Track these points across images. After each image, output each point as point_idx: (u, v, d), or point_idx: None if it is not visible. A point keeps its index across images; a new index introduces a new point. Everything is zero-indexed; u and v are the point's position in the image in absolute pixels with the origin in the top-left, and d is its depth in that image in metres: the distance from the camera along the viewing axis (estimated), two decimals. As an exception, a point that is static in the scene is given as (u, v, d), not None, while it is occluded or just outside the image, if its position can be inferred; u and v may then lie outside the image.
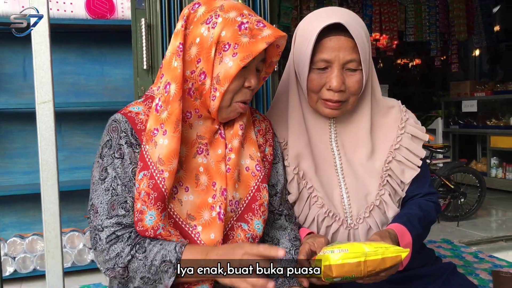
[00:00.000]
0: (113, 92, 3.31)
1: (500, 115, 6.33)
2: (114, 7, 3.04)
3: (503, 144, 6.02)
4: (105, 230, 1.13)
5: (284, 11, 5.82)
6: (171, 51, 1.18)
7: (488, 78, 7.94)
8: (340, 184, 1.42)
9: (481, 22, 7.19)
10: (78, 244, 2.98)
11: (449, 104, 7.22)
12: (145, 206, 1.11)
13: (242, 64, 1.13)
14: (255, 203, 1.26)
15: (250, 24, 1.16)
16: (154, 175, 1.12)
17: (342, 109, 1.38)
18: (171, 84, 1.15)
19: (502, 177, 6.05)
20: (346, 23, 1.28)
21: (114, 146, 1.17)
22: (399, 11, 6.74)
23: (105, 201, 1.14)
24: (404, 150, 1.44)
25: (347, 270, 1.05)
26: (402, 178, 1.43)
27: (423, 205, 1.44)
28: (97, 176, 1.17)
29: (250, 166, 1.28)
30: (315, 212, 1.39)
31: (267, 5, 2.80)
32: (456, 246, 2.45)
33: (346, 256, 1.05)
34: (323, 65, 1.32)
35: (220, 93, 1.17)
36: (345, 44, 1.30)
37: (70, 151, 3.27)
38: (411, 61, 9.40)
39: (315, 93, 1.36)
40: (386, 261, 1.08)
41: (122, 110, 1.22)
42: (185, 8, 1.22)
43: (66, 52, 3.20)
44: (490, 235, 3.95)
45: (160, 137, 1.13)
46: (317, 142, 1.44)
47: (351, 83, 1.33)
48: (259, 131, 1.36)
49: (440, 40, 7.19)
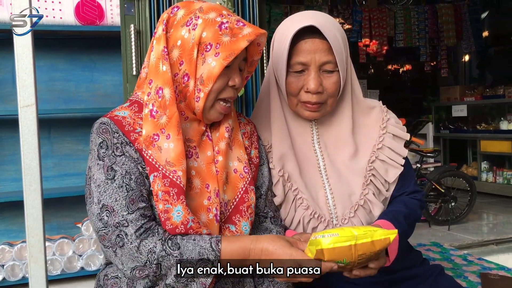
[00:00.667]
0: (102, 99, 3.30)
1: (489, 120, 6.38)
2: (104, 13, 3.04)
3: (493, 148, 6.06)
4: (130, 225, 1.09)
5: (274, 18, 5.85)
6: (156, 56, 1.19)
7: (477, 83, 8.00)
8: (324, 185, 1.43)
9: (470, 28, 7.25)
10: (68, 251, 2.96)
11: (439, 109, 7.27)
12: (169, 204, 1.11)
13: (225, 63, 1.15)
14: (243, 205, 1.27)
15: (230, 23, 1.18)
16: (167, 175, 1.12)
17: (321, 111, 1.39)
18: (163, 88, 1.16)
19: (492, 181, 6.08)
20: (319, 25, 1.30)
21: (111, 146, 1.15)
22: (389, 17, 6.79)
23: (121, 198, 1.11)
24: (387, 150, 1.45)
25: (338, 253, 1.06)
26: (386, 177, 1.44)
27: (408, 203, 1.46)
28: (102, 177, 1.13)
29: (238, 168, 1.29)
30: (301, 214, 1.39)
31: (256, 12, 2.81)
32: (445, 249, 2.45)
33: (336, 240, 1.06)
34: (299, 68, 1.34)
35: (204, 93, 1.17)
36: (320, 46, 1.32)
37: (60, 158, 3.25)
38: (401, 66, 9.46)
39: (294, 96, 1.38)
40: (376, 244, 1.08)
41: (108, 114, 1.21)
42: (164, 13, 1.23)
43: (55, 59, 3.19)
44: (481, 239, 3.97)
45: (164, 142, 1.13)
46: (300, 144, 1.45)
47: (328, 84, 1.35)
48: (244, 133, 1.37)
49: (429, 45, 7.25)
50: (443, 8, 7.07)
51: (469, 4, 7.22)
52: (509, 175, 5.85)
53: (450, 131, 6.82)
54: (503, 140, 5.82)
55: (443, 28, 7.08)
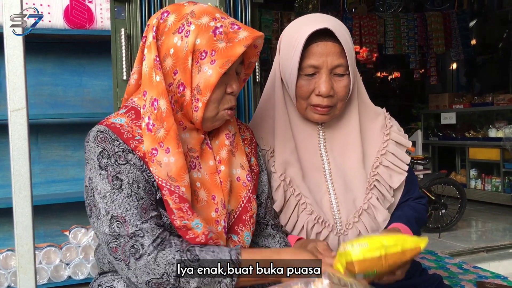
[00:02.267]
0: (91, 104, 3.24)
1: (478, 127, 6.42)
2: (93, 17, 2.99)
3: (481, 155, 6.10)
4: (146, 235, 1.04)
5: (265, 24, 5.84)
6: (148, 66, 1.12)
7: (466, 90, 8.07)
8: (329, 189, 1.41)
9: (459, 36, 7.31)
10: (55, 260, 2.89)
11: (428, 116, 7.30)
12: (186, 220, 1.06)
13: (222, 71, 1.09)
14: (246, 214, 1.22)
15: (224, 28, 1.12)
16: (174, 190, 1.07)
17: (331, 114, 1.37)
18: (158, 100, 1.09)
19: (481, 189, 6.11)
20: (333, 28, 1.29)
21: (113, 155, 1.09)
22: (378, 24, 6.82)
23: (132, 207, 1.05)
24: (391, 156, 1.45)
25: (369, 265, 1.03)
26: (390, 183, 1.43)
27: (416, 208, 1.47)
28: (108, 187, 1.07)
29: (241, 176, 1.24)
30: (304, 219, 1.36)
31: (248, 18, 2.79)
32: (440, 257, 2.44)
33: (366, 250, 1.03)
34: (311, 71, 1.32)
35: (202, 103, 1.12)
36: (333, 50, 1.30)
37: (47, 164, 3.18)
38: (391, 74, 9.51)
39: (304, 99, 1.36)
40: (406, 253, 1.06)
41: (104, 121, 1.14)
42: (153, 18, 1.16)
43: (43, 63, 3.13)
44: (471, 246, 3.98)
45: (163, 156, 1.07)
46: (304, 148, 1.43)
47: (339, 88, 1.33)
48: (244, 140, 1.33)
49: (418, 53, 7.29)
50: (432, 16, 7.12)
51: (457, 12, 7.29)
52: (497, 182, 5.88)
53: (438, 138, 6.85)
54: (492, 147, 5.86)
55: (432, 36, 7.13)
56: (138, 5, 2.57)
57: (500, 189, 5.82)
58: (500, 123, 6.08)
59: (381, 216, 1.39)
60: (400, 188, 1.45)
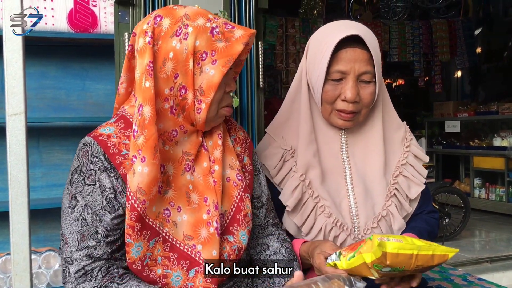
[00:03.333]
0: (94, 108, 3.23)
1: (482, 136, 6.38)
2: (97, 20, 2.98)
3: (486, 164, 6.06)
4: (74, 264, 1.06)
5: (269, 29, 5.83)
6: (140, 71, 1.10)
7: (470, 99, 8.03)
8: (348, 194, 1.41)
9: (464, 44, 7.29)
10: (54, 265, 2.86)
11: (433, 124, 7.27)
12: (131, 239, 1.06)
13: (225, 70, 1.11)
14: (239, 214, 1.22)
15: (220, 27, 1.13)
16: (136, 206, 1.06)
17: (354, 120, 1.40)
18: (143, 106, 1.07)
19: (485, 198, 6.07)
20: (363, 35, 1.31)
21: (84, 172, 1.10)
22: (383, 31, 6.81)
23: (74, 231, 1.07)
24: (410, 167, 1.47)
25: (400, 261, 1.04)
26: (408, 193, 1.44)
27: (429, 221, 1.49)
28: (66, 204, 1.10)
29: (231, 176, 1.24)
30: (323, 222, 1.37)
31: (253, 23, 2.78)
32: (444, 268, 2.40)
33: (401, 246, 1.04)
34: (338, 76, 1.34)
35: (206, 104, 1.12)
36: (361, 56, 1.33)
37: (48, 167, 3.16)
38: (395, 81, 9.48)
39: (329, 104, 1.38)
40: (435, 258, 1.07)
41: (93, 132, 1.15)
42: (143, 23, 1.15)
43: (46, 66, 3.11)
44: (475, 256, 3.94)
45: (139, 165, 1.06)
46: (326, 152, 1.45)
47: (365, 94, 1.35)
48: (235, 139, 1.33)
49: (423, 60, 7.26)
50: (437, 24, 7.10)
51: (463, 20, 7.27)
52: (501, 191, 5.84)
53: (443, 146, 6.82)
54: (496, 156, 5.82)
55: (437, 44, 7.12)
56: (142, 10, 2.56)
57: (504, 198, 5.77)
58: (505, 132, 6.05)
59: (397, 225, 1.41)
60: (416, 199, 1.48)
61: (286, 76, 6.22)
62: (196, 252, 1.13)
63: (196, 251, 1.13)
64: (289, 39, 6.12)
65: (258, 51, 2.82)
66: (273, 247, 1.32)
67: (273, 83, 7.04)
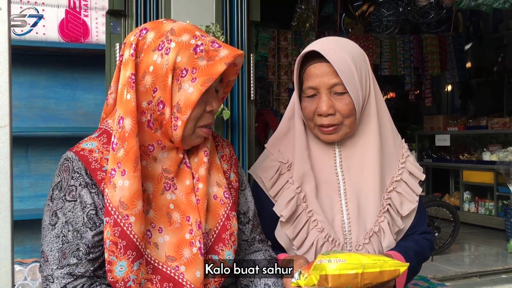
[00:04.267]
0: (84, 118, 3.21)
1: (472, 150, 6.42)
2: (89, 31, 2.97)
3: (475, 178, 6.09)
4: (55, 282, 1.04)
5: (261, 41, 5.85)
6: (122, 83, 1.09)
7: (460, 113, 8.09)
8: (342, 209, 1.41)
9: (454, 59, 7.35)
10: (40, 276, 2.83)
11: (423, 138, 7.31)
12: (114, 256, 1.03)
13: (203, 89, 1.08)
14: (225, 233, 1.20)
15: (205, 46, 1.11)
16: (119, 222, 1.03)
17: (339, 133, 1.39)
18: (124, 118, 1.06)
19: (474, 212, 6.10)
20: (321, 49, 1.32)
21: (65, 188, 1.08)
22: (375, 45, 6.85)
23: (55, 249, 1.05)
24: (404, 184, 1.47)
25: (344, 281, 1.02)
26: (400, 209, 1.44)
27: (419, 241, 1.48)
28: (47, 220, 1.08)
29: (218, 194, 1.22)
30: (315, 236, 1.37)
31: (244, 35, 2.79)
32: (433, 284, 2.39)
33: (343, 266, 1.02)
34: (311, 92, 1.37)
35: (182, 121, 1.10)
36: (327, 70, 1.34)
37: (37, 177, 3.14)
38: (386, 94, 9.54)
39: (310, 120, 1.40)
40: (384, 274, 1.06)
41: (74, 147, 1.13)
42: (130, 35, 1.14)
43: (36, 75, 3.10)
44: (464, 271, 3.94)
45: (119, 178, 1.04)
46: (321, 167, 1.45)
47: (340, 106, 1.36)
48: (222, 156, 1.31)
49: (414, 74, 7.31)
50: (428, 39, 7.16)
51: (453, 35, 7.34)
52: (491, 205, 5.86)
53: (433, 160, 6.85)
54: (486, 170, 5.85)
55: (428, 58, 7.17)
56: (134, 20, 2.56)
57: (494, 212, 5.80)
58: (494, 146, 6.09)
59: (386, 242, 1.40)
60: (409, 217, 1.47)
61: (278, 88, 6.23)
62: (179, 273, 1.11)
63: (180, 272, 1.11)
64: (281, 51, 6.14)
65: (250, 64, 2.83)
66: (260, 264, 1.29)
67: (265, 95, 7.05)
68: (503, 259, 4.48)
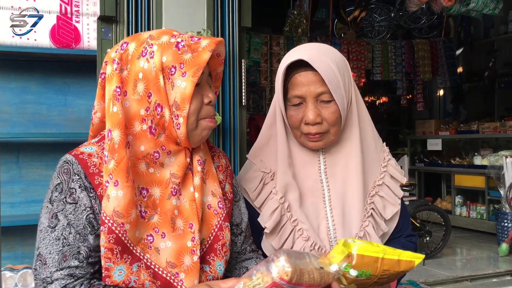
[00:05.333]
0: (75, 123, 3.22)
1: (463, 154, 6.46)
2: (80, 36, 2.98)
3: (467, 183, 6.12)
4: (55, 283, 1.03)
5: (254, 47, 5.87)
6: (108, 97, 1.10)
7: (452, 117, 8.14)
8: (327, 216, 1.41)
9: (445, 64, 7.41)
10: (31, 283, 2.82)
11: (415, 142, 7.35)
12: (111, 262, 1.04)
13: (196, 80, 1.09)
14: (217, 243, 1.20)
15: (185, 41, 1.13)
16: (114, 229, 1.04)
17: (324, 140, 1.39)
18: (112, 131, 1.07)
19: (466, 216, 6.13)
20: (308, 58, 1.31)
21: (66, 190, 1.08)
22: (367, 51, 6.88)
23: (55, 251, 1.04)
24: (386, 188, 1.47)
25: (366, 262, 1.06)
26: (384, 213, 1.44)
27: (406, 245, 1.49)
28: (46, 223, 1.07)
29: (213, 204, 1.22)
30: (301, 245, 1.37)
31: (236, 41, 2.80)
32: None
33: (367, 248, 1.06)
34: (297, 101, 1.35)
35: (183, 117, 1.11)
36: (313, 78, 1.33)
37: (28, 183, 3.13)
38: (378, 99, 9.58)
39: (296, 128, 1.39)
40: (401, 263, 1.09)
41: (74, 150, 1.13)
42: (111, 51, 1.16)
43: (28, 81, 3.10)
44: (455, 275, 3.96)
45: (112, 189, 1.04)
46: (304, 175, 1.44)
47: (327, 114, 1.35)
48: (218, 167, 1.31)
49: (405, 79, 7.36)
50: (419, 44, 7.21)
51: (444, 41, 7.40)
52: (482, 210, 5.89)
53: (425, 164, 6.88)
54: (477, 175, 5.89)
55: (419, 63, 7.21)
56: (126, 26, 2.57)
57: (485, 216, 5.83)
58: (485, 150, 6.13)
59: None
60: (393, 220, 1.48)
61: (271, 93, 6.25)
62: (178, 280, 1.11)
63: (179, 279, 1.11)
64: (274, 56, 6.16)
65: (241, 69, 2.84)
66: None
67: (258, 100, 7.07)
68: (494, 263, 4.51)
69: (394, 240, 1.50)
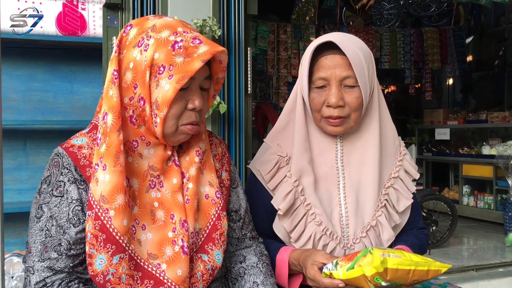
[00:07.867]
0: (81, 111, 3.23)
1: (472, 144, 6.42)
2: (86, 24, 2.98)
3: (474, 172, 6.08)
4: (35, 274, 1.06)
5: (261, 35, 5.83)
6: (107, 79, 1.10)
7: (461, 107, 8.07)
8: (340, 203, 1.43)
9: (454, 52, 7.32)
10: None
11: (423, 132, 7.30)
12: (94, 249, 1.05)
13: (179, 87, 1.07)
14: (215, 233, 1.20)
15: (184, 42, 1.09)
16: (100, 215, 1.05)
17: (344, 125, 1.40)
18: (108, 114, 1.07)
19: (473, 205, 6.10)
20: (337, 41, 1.33)
21: (53, 183, 1.10)
22: (375, 39, 6.83)
23: (38, 241, 1.07)
24: (400, 181, 1.49)
25: (399, 276, 1.12)
26: (397, 205, 1.46)
27: (419, 236, 1.54)
28: (33, 213, 1.10)
29: (210, 194, 1.22)
30: (312, 230, 1.39)
31: (241, 29, 2.79)
32: (427, 277, 2.40)
33: (401, 262, 1.12)
34: (321, 83, 1.37)
35: (160, 118, 1.10)
36: (340, 62, 1.35)
37: (35, 170, 3.16)
38: (387, 87, 9.52)
39: (317, 111, 1.40)
40: (429, 273, 1.15)
41: (65, 143, 1.14)
42: (122, 31, 1.16)
43: (34, 68, 3.12)
44: (461, 264, 3.94)
45: (101, 173, 1.05)
46: (321, 160, 1.46)
47: (350, 99, 1.37)
48: (215, 155, 1.32)
49: (414, 68, 7.30)
50: (428, 32, 7.13)
51: (454, 29, 7.31)
52: (490, 199, 5.86)
53: (432, 153, 6.85)
54: (485, 164, 5.85)
55: (428, 52, 7.14)
56: (131, 13, 2.57)
57: (493, 206, 5.80)
58: (493, 140, 6.09)
59: (386, 235, 1.43)
60: (405, 213, 1.51)
61: (277, 82, 6.22)
62: (160, 271, 1.12)
63: (161, 270, 1.12)
64: (281, 44, 6.12)
65: (247, 57, 2.83)
66: (250, 261, 1.32)
67: (265, 88, 7.05)
68: (500, 253, 4.49)
69: (408, 231, 1.53)
